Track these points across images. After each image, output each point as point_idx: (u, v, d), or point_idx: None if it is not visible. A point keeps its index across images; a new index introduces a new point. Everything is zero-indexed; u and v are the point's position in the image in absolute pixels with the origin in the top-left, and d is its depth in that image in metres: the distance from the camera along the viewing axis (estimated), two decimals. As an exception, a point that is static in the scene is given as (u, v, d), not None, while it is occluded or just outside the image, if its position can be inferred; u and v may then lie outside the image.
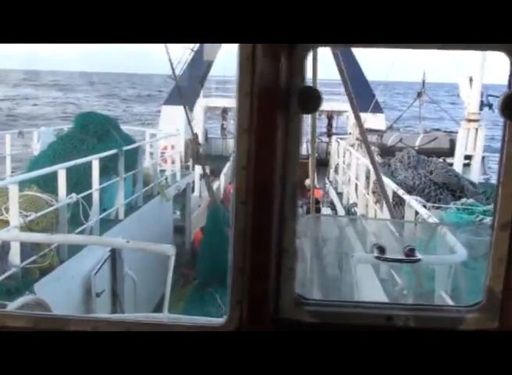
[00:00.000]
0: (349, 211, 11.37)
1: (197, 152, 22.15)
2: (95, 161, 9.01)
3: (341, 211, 12.98)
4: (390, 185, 7.67)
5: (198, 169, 17.38)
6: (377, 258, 1.94)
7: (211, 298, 12.13)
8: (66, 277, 7.69)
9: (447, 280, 4.60)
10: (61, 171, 7.88)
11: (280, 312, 2.07)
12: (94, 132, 10.24)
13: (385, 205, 7.99)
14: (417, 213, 6.28)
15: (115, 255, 9.71)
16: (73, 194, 8.22)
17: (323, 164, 19.11)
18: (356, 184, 11.29)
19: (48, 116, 50.31)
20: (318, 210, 16.55)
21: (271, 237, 1.93)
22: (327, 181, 16.65)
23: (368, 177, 9.80)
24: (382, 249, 1.98)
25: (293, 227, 2.04)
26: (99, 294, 8.40)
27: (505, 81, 1.95)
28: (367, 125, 16.47)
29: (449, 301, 4.46)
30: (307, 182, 17.44)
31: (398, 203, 7.44)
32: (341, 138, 16.71)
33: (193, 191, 17.77)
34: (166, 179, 13.70)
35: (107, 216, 9.84)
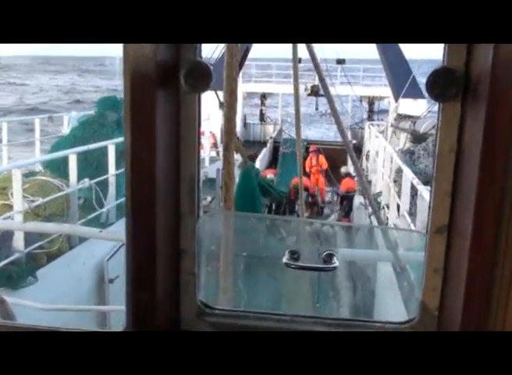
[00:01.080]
0: (375, 200, 10.95)
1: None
2: (111, 146, 8.89)
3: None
4: (408, 174, 7.24)
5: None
6: (286, 265, 1.63)
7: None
8: (77, 263, 7.60)
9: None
10: (72, 156, 7.78)
11: (180, 325, 1.78)
12: (113, 117, 10.13)
13: (405, 196, 7.58)
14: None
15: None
16: (86, 179, 8.11)
17: (359, 151, 18.60)
18: (382, 173, 10.85)
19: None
20: (351, 199, 16.14)
21: (154, 239, 1.63)
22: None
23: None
24: (295, 254, 1.67)
25: (192, 226, 1.75)
26: (112, 280, 8.27)
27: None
28: (403, 111, 15.86)
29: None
30: (343, 170, 17.15)
31: (416, 194, 7.00)
32: (373, 124, 16.20)
33: (226, 177, 17.61)
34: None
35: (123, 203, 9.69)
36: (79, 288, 7.47)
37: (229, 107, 2.16)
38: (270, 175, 19.13)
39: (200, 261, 1.77)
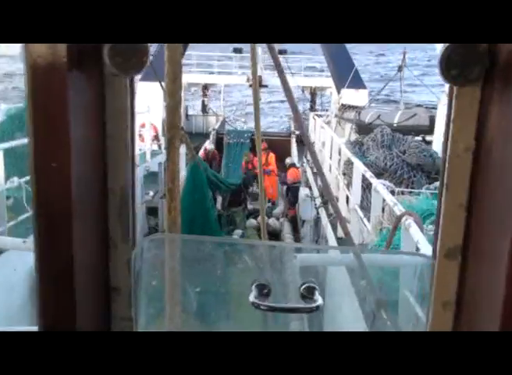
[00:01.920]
0: (322, 194, 10.71)
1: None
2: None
3: (316, 192, 12.32)
4: (359, 167, 6.96)
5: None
6: (253, 305, 1.22)
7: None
8: (7, 269, 6.93)
9: (412, 281, 3.92)
10: (-2, 153, 7.09)
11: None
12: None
13: (356, 189, 7.31)
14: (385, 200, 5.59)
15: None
16: (15, 178, 7.42)
17: (302, 142, 18.40)
18: (329, 164, 10.60)
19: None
20: (296, 190, 15.97)
21: (72, 274, 1.17)
22: (305, 160, 15.98)
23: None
24: (264, 289, 1.26)
25: (126, 255, 1.30)
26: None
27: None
28: (346, 101, 15.74)
29: (416, 305, 3.74)
30: (288, 160, 16.90)
31: (367, 187, 6.74)
32: (318, 115, 16.01)
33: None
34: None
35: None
36: (10, 296, 6.83)
37: (171, 96, 1.71)
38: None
39: (138, 302, 1.33)
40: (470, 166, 1.19)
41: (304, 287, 1.29)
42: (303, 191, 14.40)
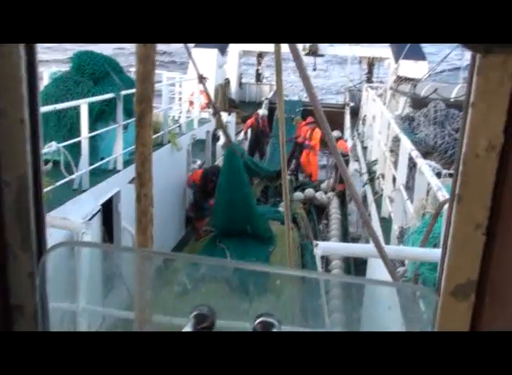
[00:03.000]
0: (369, 170, 10.26)
1: (226, 98, 21.24)
2: (84, 105, 8.08)
3: (364, 167, 11.86)
4: (406, 145, 6.47)
5: (223, 115, 16.40)
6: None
7: (221, 256, 11.37)
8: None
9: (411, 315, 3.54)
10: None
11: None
12: (90, 74, 9.29)
13: (401, 168, 6.85)
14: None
15: (109, 208, 8.98)
16: (53, 143, 7.34)
17: (356, 113, 17.85)
18: (378, 140, 10.10)
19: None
20: (346, 162, 15.54)
21: None
22: (355, 133, 15.46)
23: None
24: (203, 322, 0.93)
25: (30, 267, 1.00)
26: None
27: None
28: (404, 73, 15.00)
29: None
30: (334, 134, 16.44)
31: (414, 167, 6.26)
32: (371, 87, 15.36)
33: (218, 139, 16.94)
34: (180, 126, 12.75)
35: (103, 167, 9.01)
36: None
37: (142, 61, 1.45)
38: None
39: (45, 323, 1.03)
40: (493, 171, 0.83)
41: (258, 320, 0.95)
42: (352, 166, 13.97)
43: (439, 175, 5.77)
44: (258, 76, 27.36)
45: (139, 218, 1.58)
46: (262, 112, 20.04)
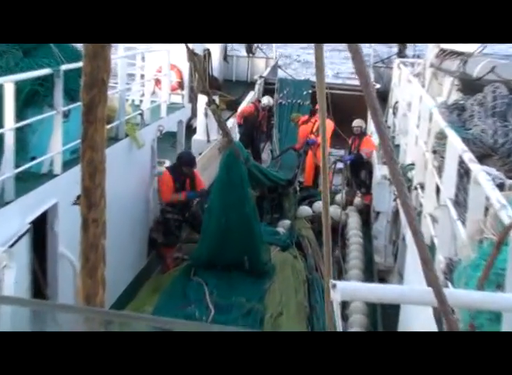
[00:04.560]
0: (404, 175, 10.22)
1: (206, 76, 21.22)
2: (8, 84, 7.99)
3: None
4: (455, 144, 6.43)
5: (203, 100, 16.39)
6: None
7: (197, 293, 11.30)
8: None
9: None
10: None
11: None
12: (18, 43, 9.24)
13: (449, 175, 6.81)
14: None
15: (42, 228, 8.88)
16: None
17: (384, 99, 17.91)
18: (416, 136, 10.08)
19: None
20: (370, 168, 15.58)
21: None
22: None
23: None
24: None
25: None
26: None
27: None
28: (448, 45, 15.02)
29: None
30: (357, 124, 16.48)
31: (466, 175, 6.23)
32: (405, 63, 15.36)
33: (194, 131, 16.94)
34: (141, 115, 12.69)
35: (34, 169, 8.91)
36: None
37: None
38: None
39: None
40: None
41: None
42: (378, 171, 13.98)
43: (501, 187, 5.74)
44: (250, 47, 27.31)
45: (85, 254, 1.49)
46: (267, 100, 20.10)
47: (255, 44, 27.15)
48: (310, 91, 22.08)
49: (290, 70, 26.29)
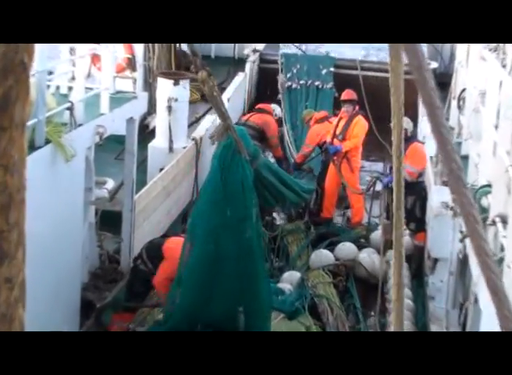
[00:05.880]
0: (477, 201, 10.17)
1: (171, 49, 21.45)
2: None
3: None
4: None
5: (165, 86, 16.46)
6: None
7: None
8: None
9: None
10: None
11: None
12: None
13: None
14: None
15: None
16: None
17: (444, 85, 18.08)
18: (494, 142, 10.13)
19: None
20: (423, 188, 15.58)
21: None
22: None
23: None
24: None
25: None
26: None
27: None
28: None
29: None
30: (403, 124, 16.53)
31: None
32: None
33: (152, 135, 17.04)
34: (71, 109, 12.64)
35: None
36: None
37: None
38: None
39: None
40: None
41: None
42: (435, 196, 13.97)
43: None
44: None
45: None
46: (278, 110, 20.43)
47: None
48: (332, 69, 22.25)
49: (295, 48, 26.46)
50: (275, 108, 20.53)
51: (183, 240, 12.30)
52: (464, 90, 15.93)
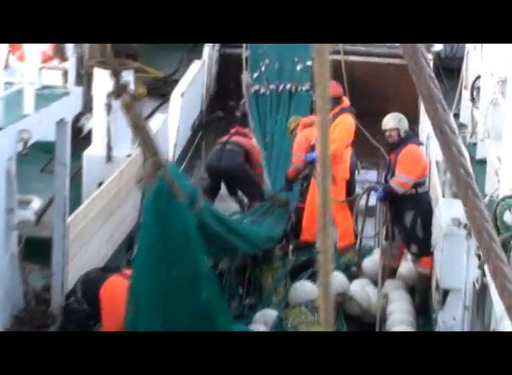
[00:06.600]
0: (494, 222, 10.15)
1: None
2: None
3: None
4: None
5: (103, 80, 16.53)
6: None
7: None
8: None
9: None
10: None
11: None
12: None
13: None
14: None
15: None
16: None
17: (453, 71, 18.25)
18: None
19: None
20: (427, 202, 15.64)
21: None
22: (447, 127, 15.66)
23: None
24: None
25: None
26: None
27: None
28: None
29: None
30: (389, 122, 16.54)
31: None
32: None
33: (87, 141, 17.04)
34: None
35: None
36: None
37: None
38: None
39: None
40: None
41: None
42: (444, 211, 13.98)
43: None
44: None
45: None
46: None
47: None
48: (309, 63, 22.23)
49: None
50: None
51: (125, 284, 12.08)
52: (478, 77, 15.98)
